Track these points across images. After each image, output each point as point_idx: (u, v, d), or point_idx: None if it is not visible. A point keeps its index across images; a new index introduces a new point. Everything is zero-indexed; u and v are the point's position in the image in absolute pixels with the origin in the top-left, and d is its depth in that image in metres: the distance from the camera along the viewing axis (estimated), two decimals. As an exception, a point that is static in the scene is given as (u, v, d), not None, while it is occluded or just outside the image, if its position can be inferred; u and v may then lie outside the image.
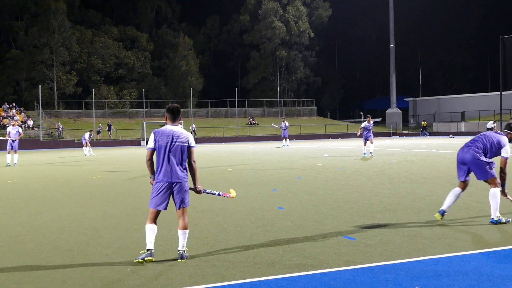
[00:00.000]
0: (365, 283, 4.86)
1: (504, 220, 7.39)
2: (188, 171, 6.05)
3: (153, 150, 5.99)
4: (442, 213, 7.68)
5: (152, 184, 6.06)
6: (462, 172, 7.72)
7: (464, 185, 7.75)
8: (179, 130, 5.99)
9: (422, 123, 59.24)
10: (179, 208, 5.97)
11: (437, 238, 6.64)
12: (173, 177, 5.89)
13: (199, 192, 6.19)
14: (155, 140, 5.96)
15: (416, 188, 11.59)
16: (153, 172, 6.04)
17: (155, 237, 5.93)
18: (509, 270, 5.18)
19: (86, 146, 30.24)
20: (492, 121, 39.92)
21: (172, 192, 5.92)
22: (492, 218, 7.42)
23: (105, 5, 77.18)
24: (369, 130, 22.53)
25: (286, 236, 6.98)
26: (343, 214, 8.49)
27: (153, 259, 5.81)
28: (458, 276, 4.99)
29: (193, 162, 6.04)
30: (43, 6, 60.85)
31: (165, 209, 5.97)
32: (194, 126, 52.93)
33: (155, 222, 5.95)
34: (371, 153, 22.43)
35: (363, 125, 22.75)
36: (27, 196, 11.90)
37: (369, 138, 22.42)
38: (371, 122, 22.89)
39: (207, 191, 6.52)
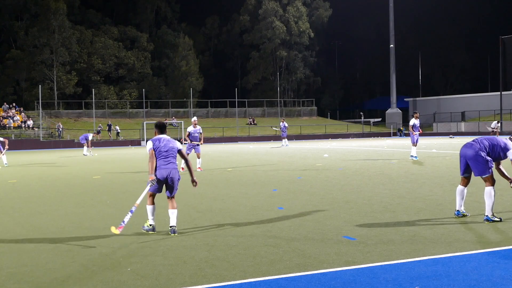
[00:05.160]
0: (365, 283, 4.86)
1: (497, 218, 7.51)
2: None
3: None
4: None
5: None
6: None
7: None
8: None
9: None
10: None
11: (437, 238, 6.64)
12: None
13: None
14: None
15: (416, 188, 11.58)
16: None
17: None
18: (509, 270, 5.18)
19: (87, 146, 30.38)
20: (496, 121, 39.72)
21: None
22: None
23: (105, 5, 77.11)
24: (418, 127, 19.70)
25: (286, 236, 6.98)
26: (343, 214, 8.49)
27: None
28: (458, 276, 4.99)
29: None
30: (43, 6, 60.78)
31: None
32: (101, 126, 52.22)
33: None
34: (412, 156, 19.55)
35: (412, 122, 19.57)
36: (27, 196, 11.90)
37: (418, 140, 19.52)
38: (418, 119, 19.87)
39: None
